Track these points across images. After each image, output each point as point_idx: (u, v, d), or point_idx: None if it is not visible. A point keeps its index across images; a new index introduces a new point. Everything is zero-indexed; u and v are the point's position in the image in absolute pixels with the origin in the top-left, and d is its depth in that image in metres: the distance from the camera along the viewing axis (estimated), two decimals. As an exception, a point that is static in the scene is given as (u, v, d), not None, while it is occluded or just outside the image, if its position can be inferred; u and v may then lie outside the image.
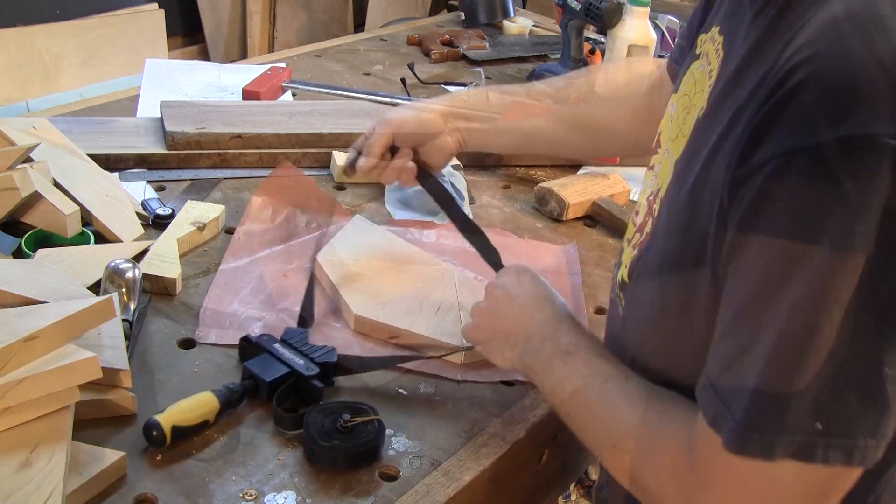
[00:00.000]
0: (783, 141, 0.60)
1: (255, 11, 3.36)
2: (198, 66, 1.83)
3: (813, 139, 0.58)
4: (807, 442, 0.61)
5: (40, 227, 1.11)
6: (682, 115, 0.83)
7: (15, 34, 2.60)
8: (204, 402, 0.89)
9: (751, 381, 0.63)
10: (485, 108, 1.18)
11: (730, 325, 0.66)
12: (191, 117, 1.43)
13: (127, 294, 1.00)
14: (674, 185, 0.78)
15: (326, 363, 0.96)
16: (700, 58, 0.84)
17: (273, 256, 1.18)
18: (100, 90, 2.22)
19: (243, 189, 1.35)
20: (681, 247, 0.74)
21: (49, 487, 0.74)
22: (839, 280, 0.59)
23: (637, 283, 0.84)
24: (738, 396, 0.63)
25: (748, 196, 0.62)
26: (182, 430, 0.86)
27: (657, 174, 0.86)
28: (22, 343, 0.78)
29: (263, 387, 0.93)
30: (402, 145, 1.15)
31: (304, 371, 0.94)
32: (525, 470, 1.01)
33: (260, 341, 0.98)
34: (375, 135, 1.13)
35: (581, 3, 1.73)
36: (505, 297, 0.94)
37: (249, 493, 0.83)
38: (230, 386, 0.92)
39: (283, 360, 0.95)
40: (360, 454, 0.87)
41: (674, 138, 0.84)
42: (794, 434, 0.61)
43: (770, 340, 0.61)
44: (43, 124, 1.31)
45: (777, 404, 0.61)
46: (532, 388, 1.02)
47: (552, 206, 1.39)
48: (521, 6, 2.84)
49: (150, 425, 0.85)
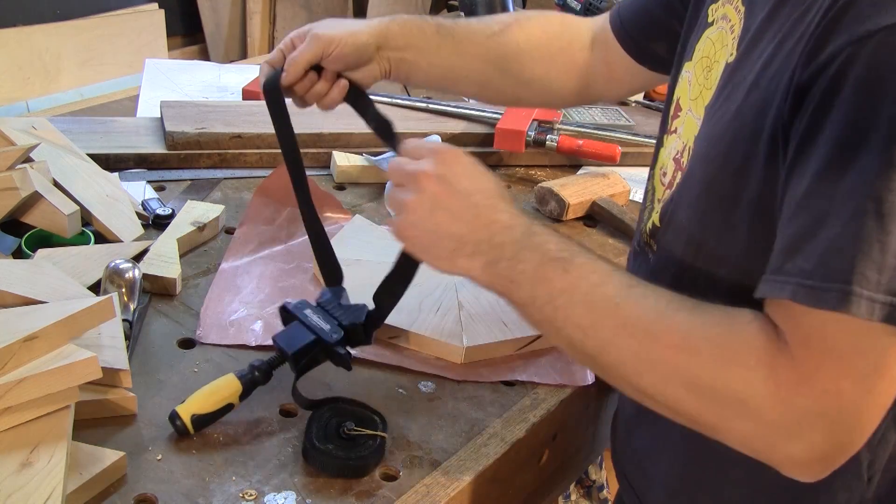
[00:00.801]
0: (853, 31, 0.63)
1: (255, 11, 3.36)
2: (198, 66, 1.83)
3: (882, 21, 0.62)
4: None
5: (40, 227, 1.11)
6: (702, 75, 0.85)
7: (15, 34, 2.60)
8: (224, 387, 0.89)
9: (843, 245, 0.62)
10: (418, 39, 1.08)
11: (797, 209, 0.66)
12: (191, 117, 1.43)
13: (127, 294, 1.00)
14: (706, 124, 0.80)
15: (353, 324, 0.92)
16: (714, 24, 0.86)
17: (273, 256, 1.18)
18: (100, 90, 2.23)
19: (243, 189, 1.35)
20: (722, 170, 0.76)
21: (49, 487, 0.74)
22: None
23: (671, 220, 0.85)
24: (831, 263, 0.63)
25: (819, 91, 0.64)
26: (203, 417, 0.87)
27: (681, 135, 0.88)
28: (22, 343, 0.77)
29: (289, 359, 0.91)
30: (329, 67, 1.03)
31: (327, 338, 0.91)
32: (525, 470, 1.01)
33: (294, 309, 0.94)
34: (301, 49, 1.02)
35: (581, 3, 1.73)
36: (446, 189, 0.78)
37: (249, 493, 0.83)
38: (254, 363, 0.91)
39: (310, 326, 0.92)
40: (348, 467, 0.85)
41: (695, 98, 0.86)
42: (888, 293, 0.61)
43: (858, 204, 0.62)
44: (43, 124, 1.31)
45: (871, 259, 0.61)
46: (532, 388, 1.02)
47: (552, 206, 1.39)
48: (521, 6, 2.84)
49: (171, 416, 0.87)
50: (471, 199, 0.78)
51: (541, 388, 1.02)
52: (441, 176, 0.79)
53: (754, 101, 0.73)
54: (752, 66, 0.75)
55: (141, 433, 0.88)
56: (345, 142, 1.47)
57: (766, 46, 0.74)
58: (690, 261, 0.83)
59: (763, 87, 0.72)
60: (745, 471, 0.83)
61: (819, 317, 0.63)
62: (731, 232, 0.77)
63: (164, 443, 0.87)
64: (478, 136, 1.55)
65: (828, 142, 0.64)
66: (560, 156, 1.55)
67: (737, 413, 0.67)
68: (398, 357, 1.04)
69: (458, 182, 0.78)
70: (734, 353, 0.67)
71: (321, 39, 1.01)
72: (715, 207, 0.79)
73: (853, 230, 0.62)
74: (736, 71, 0.79)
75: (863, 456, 0.80)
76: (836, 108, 0.64)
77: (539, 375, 1.04)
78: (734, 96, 0.77)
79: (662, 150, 0.95)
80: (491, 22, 1.14)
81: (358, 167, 1.42)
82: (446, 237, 0.78)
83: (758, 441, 0.68)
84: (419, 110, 1.61)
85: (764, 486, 0.83)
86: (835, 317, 0.63)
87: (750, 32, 0.79)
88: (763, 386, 0.65)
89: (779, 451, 0.67)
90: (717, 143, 0.78)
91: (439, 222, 0.78)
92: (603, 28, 1.12)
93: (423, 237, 0.80)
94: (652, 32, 1.05)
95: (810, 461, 0.67)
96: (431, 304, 1.11)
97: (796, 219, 0.66)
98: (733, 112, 0.76)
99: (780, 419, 0.65)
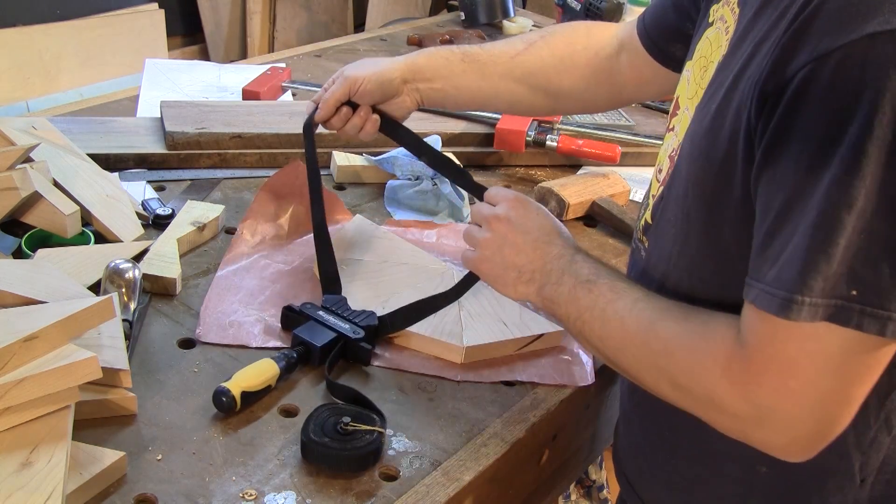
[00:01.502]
0: (815, 48, 0.66)
1: (255, 11, 3.36)
2: (198, 66, 1.83)
3: (842, 39, 0.65)
4: (843, 307, 0.66)
5: (40, 227, 1.11)
6: (699, 75, 0.88)
7: (15, 34, 2.60)
8: (266, 369, 0.94)
9: (794, 255, 0.67)
10: (444, 68, 1.19)
11: (763, 214, 0.71)
12: (191, 117, 1.43)
13: (127, 294, 1.00)
14: (694, 121, 0.83)
15: (369, 326, 1.02)
16: (714, 24, 0.88)
17: (274, 255, 1.18)
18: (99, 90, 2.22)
19: (243, 189, 1.35)
20: (704, 170, 0.79)
21: (49, 487, 0.74)
22: (873, 158, 0.64)
23: (661, 218, 0.88)
24: (782, 274, 0.68)
25: (782, 103, 0.68)
26: (250, 395, 0.92)
27: (677, 133, 0.91)
28: (22, 343, 0.77)
29: (315, 352, 0.98)
30: (360, 102, 1.16)
31: (351, 334, 1.00)
32: (525, 470, 1.01)
33: (304, 309, 1.03)
34: (332, 90, 1.16)
35: (581, 3, 1.73)
36: (513, 229, 0.93)
37: (249, 493, 0.83)
38: (286, 352, 0.97)
39: (329, 325, 1.01)
40: (342, 458, 0.86)
41: (691, 96, 0.89)
42: (832, 297, 0.66)
43: (811, 217, 0.66)
44: (43, 124, 1.31)
45: (817, 270, 0.66)
46: (532, 388, 1.02)
47: (552, 206, 1.39)
48: (521, 6, 2.84)
49: (219, 392, 0.90)
50: (531, 236, 0.92)
51: (541, 388, 1.03)
52: (510, 219, 0.94)
53: (732, 101, 0.75)
54: (734, 67, 0.77)
55: (141, 433, 0.88)
56: (344, 142, 1.47)
57: (747, 47, 0.76)
58: (676, 260, 0.85)
59: (740, 88, 0.74)
60: (741, 467, 0.85)
61: (770, 321, 0.69)
62: (715, 230, 0.79)
63: (164, 443, 0.87)
64: (478, 136, 1.55)
65: (789, 154, 0.68)
66: (560, 156, 1.55)
67: (709, 407, 0.76)
68: (398, 357, 1.04)
69: (523, 223, 0.93)
70: (702, 355, 0.75)
71: (348, 79, 1.15)
72: (699, 206, 0.81)
73: (804, 242, 0.66)
74: (722, 70, 0.81)
75: (855, 457, 0.81)
76: (796, 124, 0.67)
77: (539, 375, 1.04)
78: (717, 95, 0.79)
79: (661, 148, 0.96)
80: (516, 42, 1.22)
81: (358, 167, 1.42)
82: (511, 268, 0.92)
83: (733, 429, 0.75)
84: (419, 110, 1.60)
85: (759, 482, 0.85)
86: (782, 322, 0.68)
87: (737, 32, 0.81)
88: (720, 383, 0.73)
89: (754, 438, 0.74)
90: (700, 141, 0.80)
91: (506, 256, 0.93)
92: (630, 34, 1.15)
93: (493, 269, 0.94)
94: (670, 35, 1.08)
95: (785, 446, 0.73)
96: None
97: (764, 223, 0.71)
98: (713, 111, 0.78)
99: (741, 412, 0.73)
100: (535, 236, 0.92)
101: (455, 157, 1.47)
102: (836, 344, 0.67)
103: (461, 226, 1.32)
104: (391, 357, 1.04)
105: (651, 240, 0.91)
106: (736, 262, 0.76)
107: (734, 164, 0.75)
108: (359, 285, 1.13)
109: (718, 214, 0.78)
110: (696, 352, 0.76)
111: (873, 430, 0.80)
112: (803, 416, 0.70)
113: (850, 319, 0.66)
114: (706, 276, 0.82)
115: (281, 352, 0.97)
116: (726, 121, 0.75)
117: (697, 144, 0.80)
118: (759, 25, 0.75)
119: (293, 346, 0.99)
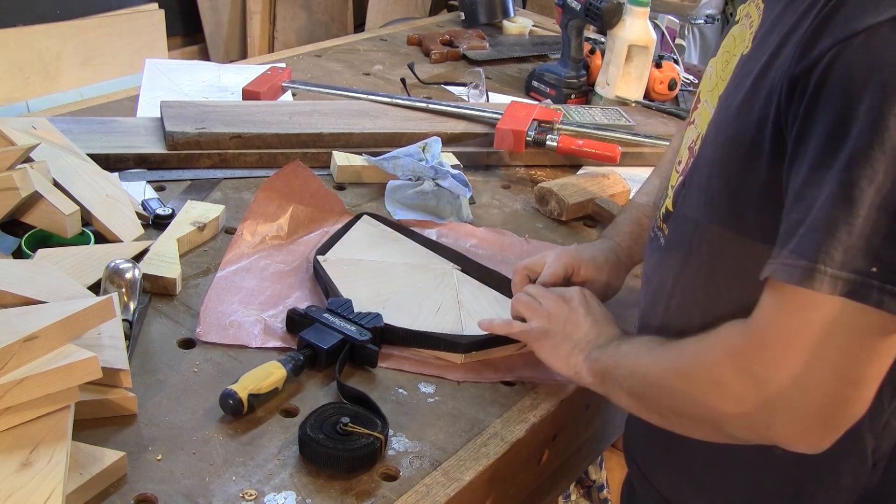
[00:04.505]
0: (840, 31, 0.68)
1: (255, 11, 3.36)
2: (198, 66, 1.83)
3: (867, 21, 0.67)
4: (863, 283, 0.66)
5: (40, 227, 1.11)
6: (721, 69, 0.90)
7: (15, 34, 2.60)
8: (272, 371, 0.94)
9: (814, 224, 0.68)
10: (643, 236, 1.11)
11: (795, 199, 0.71)
12: (191, 117, 1.43)
13: (127, 294, 1.00)
14: (720, 109, 0.85)
15: (376, 327, 1.02)
16: (739, 21, 0.90)
17: (274, 256, 1.18)
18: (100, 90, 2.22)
19: (243, 189, 1.35)
20: (729, 155, 0.80)
21: (49, 487, 0.74)
22: (894, 132, 0.65)
23: (683, 203, 0.89)
24: (803, 242, 0.68)
25: (810, 86, 0.70)
26: (257, 397, 0.91)
27: (697, 125, 0.93)
28: (22, 343, 0.77)
29: (322, 354, 0.98)
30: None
31: (357, 337, 1.00)
32: (525, 470, 1.01)
33: (309, 312, 1.03)
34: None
35: (581, 3, 1.73)
36: (579, 311, 1.00)
37: (249, 493, 0.83)
38: (292, 355, 0.97)
39: (335, 328, 1.01)
40: (335, 458, 0.85)
41: (711, 89, 0.91)
42: (852, 271, 0.66)
43: (832, 191, 0.67)
44: (43, 124, 1.31)
45: (838, 239, 0.66)
46: (532, 388, 1.02)
47: (552, 206, 1.39)
48: (521, 6, 2.84)
49: (226, 394, 0.90)
50: (590, 318, 0.98)
51: (541, 388, 1.03)
52: (579, 300, 1.01)
53: (761, 89, 0.76)
54: (762, 57, 0.78)
55: (141, 433, 0.88)
56: (345, 142, 1.47)
57: (776, 38, 0.78)
58: (697, 244, 0.86)
59: (770, 76, 0.76)
60: (756, 448, 0.85)
61: (786, 294, 0.70)
62: (738, 217, 0.80)
63: (164, 443, 0.87)
64: (478, 136, 1.55)
65: (817, 135, 0.69)
66: (560, 156, 1.55)
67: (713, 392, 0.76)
68: (398, 357, 1.04)
69: (585, 306, 1.00)
70: (709, 343, 0.78)
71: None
72: (723, 192, 0.82)
73: (824, 212, 0.67)
74: (748, 61, 0.82)
75: (868, 441, 0.82)
76: (822, 104, 0.69)
77: (539, 375, 1.04)
78: (744, 84, 0.80)
79: (686, 133, 0.99)
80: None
81: (358, 167, 1.42)
82: (567, 340, 0.98)
83: (741, 421, 0.75)
84: (419, 110, 1.60)
85: (773, 465, 0.86)
86: (799, 293, 0.68)
87: (765, 26, 0.82)
88: (724, 364, 0.75)
89: (764, 428, 0.74)
90: (727, 127, 0.81)
91: (567, 332, 0.98)
92: None
93: (552, 342, 0.99)
94: None
95: (798, 435, 0.72)
96: (431, 305, 1.11)
97: (795, 207, 0.71)
98: (741, 99, 0.79)
99: (748, 396, 0.73)
100: (594, 319, 0.98)
101: (455, 157, 1.48)
102: (852, 320, 0.67)
103: (461, 225, 1.32)
104: (391, 356, 1.04)
105: (671, 227, 0.92)
106: (757, 247, 0.76)
107: (760, 149, 0.76)
108: (359, 286, 1.13)
109: (742, 199, 0.79)
110: (703, 342, 0.79)
111: (886, 414, 0.81)
112: (814, 397, 0.70)
113: (870, 296, 0.66)
114: (727, 260, 0.83)
115: (288, 354, 0.97)
116: (755, 108, 0.77)
117: (723, 130, 0.82)
118: (787, 17, 0.77)
119: (299, 349, 0.99)
